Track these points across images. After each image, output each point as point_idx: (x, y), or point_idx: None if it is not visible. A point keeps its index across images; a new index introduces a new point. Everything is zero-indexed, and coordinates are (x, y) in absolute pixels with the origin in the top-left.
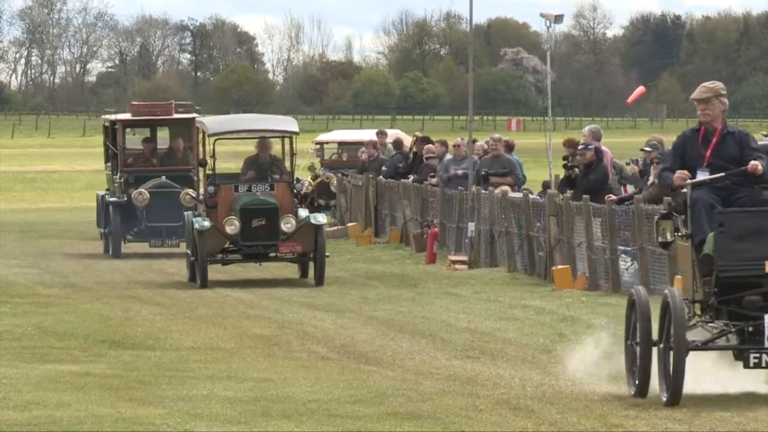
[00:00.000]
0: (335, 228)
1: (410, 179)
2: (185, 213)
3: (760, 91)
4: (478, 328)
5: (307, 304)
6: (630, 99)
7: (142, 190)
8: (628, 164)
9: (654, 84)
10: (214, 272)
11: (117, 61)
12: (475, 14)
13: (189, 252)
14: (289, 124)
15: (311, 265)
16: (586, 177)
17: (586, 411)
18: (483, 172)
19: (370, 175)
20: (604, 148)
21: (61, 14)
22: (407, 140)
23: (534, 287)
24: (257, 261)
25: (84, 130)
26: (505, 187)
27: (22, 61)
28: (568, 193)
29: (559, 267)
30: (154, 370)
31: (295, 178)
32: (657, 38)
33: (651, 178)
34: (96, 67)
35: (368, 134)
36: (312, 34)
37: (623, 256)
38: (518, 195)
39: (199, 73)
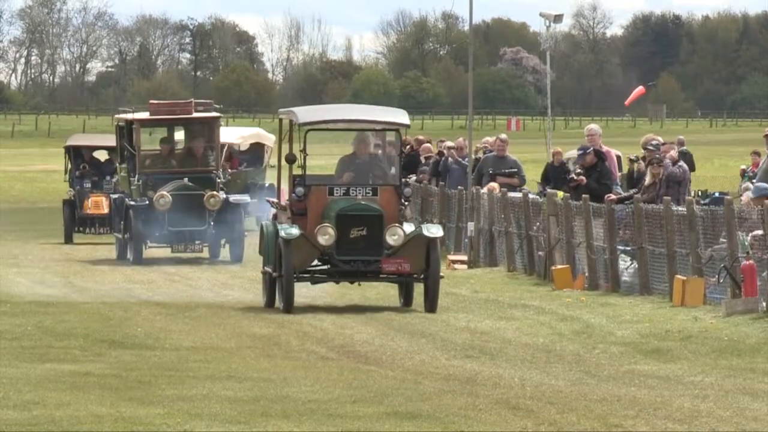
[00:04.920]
0: None
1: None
2: (262, 223)
3: (759, 91)
4: (477, 328)
5: (307, 304)
6: (628, 100)
7: (164, 192)
8: None
9: (654, 84)
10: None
11: (117, 61)
12: (475, 14)
13: (269, 269)
14: (398, 115)
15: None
16: (590, 180)
17: (586, 411)
18: (489, 171)
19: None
20: (606, 148)
21: (61, 14)
22: (269, 141)
23: (533, 287)
24: (355, 280)
25: (84, 130)
26: (494, 185)
27: (22, 60)
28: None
29: (559, 267)
30: (153, 370)
31: (403, 181)
32: (656, 38)
33: (648, 179)
34: (96, 67)
35: (226, 134)
36: (312, 34)
37: (623, 255)
38: (518, 195)
39: (198, 73)
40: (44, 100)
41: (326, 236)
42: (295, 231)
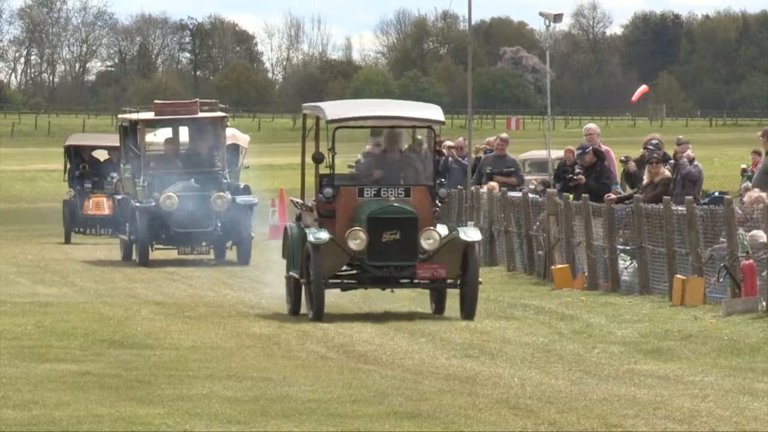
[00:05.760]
0: None
1: None
2: (287, 225)
3: (759, 91)
4: (477, 328)
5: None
6: (634, 97)
7: (171, 194)
8: None
9: (654, 83)
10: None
11: (116, 60)
12: (474, 13)
13: (295, 274)
14: (432, 111)
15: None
16: (589, 179)
17: (586, 411)
18: (487, 170)
19: None
20: (605, 147)
21: (61, 13)
22: (243, 142)
23: (533, 286)
24: (387, 287)
25: (83, 129)
26: (494, 184)
27: (22, 60)
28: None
29: (559, 266)
30: (153, 370)
31: (438, 181)
32: (656, 37)
33: (646, 178)
34: (95, 66)
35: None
36: (311, 34)
37: (622, 255)
38: (517, 194)
39: (198, 72)
40: (44, 99)
41: (357, 240)
42: (324, 235)
